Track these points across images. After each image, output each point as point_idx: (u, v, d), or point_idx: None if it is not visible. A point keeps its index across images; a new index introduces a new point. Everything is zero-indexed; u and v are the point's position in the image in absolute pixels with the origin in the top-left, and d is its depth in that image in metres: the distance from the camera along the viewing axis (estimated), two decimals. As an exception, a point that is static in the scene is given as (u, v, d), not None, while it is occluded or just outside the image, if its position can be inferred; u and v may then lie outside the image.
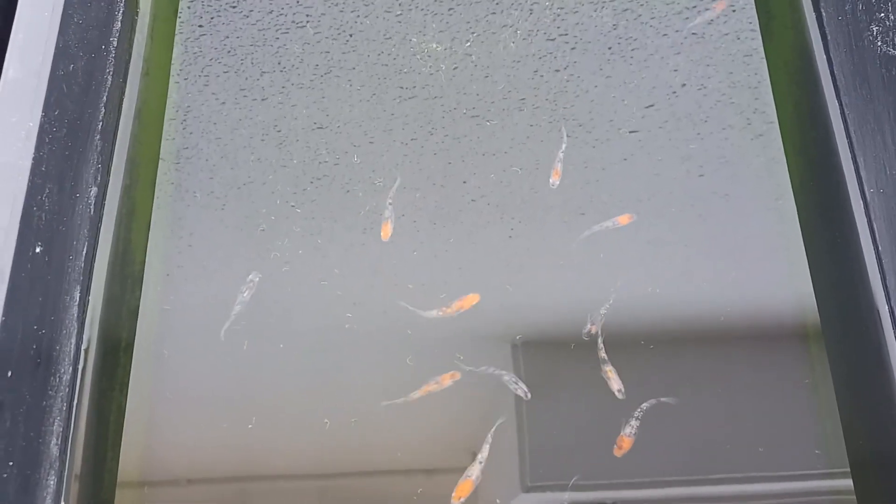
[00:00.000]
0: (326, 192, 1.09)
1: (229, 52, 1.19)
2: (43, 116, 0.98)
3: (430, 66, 1.16)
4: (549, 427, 0.95)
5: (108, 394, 0.98)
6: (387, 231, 1.04)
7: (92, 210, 1.01)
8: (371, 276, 1.03)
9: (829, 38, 1.06)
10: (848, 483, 0.91)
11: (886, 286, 0.93)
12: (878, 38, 1.02)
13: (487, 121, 1.12)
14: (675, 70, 1.15)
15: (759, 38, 1.15)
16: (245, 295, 1.03)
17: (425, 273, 1.03)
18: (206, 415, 0.98)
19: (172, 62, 1.18)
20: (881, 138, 0.98)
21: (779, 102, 1.11)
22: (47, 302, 0.94)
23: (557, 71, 1.15)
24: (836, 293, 0.99)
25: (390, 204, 1.06)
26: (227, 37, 1.19)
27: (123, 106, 1.10)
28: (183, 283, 1.05)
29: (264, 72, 1.17)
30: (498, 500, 0.92)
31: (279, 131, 1.13)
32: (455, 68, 1.16)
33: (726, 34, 1.16)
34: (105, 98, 1.07)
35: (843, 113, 1.03)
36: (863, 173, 0.98)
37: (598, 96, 1.13)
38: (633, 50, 1.16)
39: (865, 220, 0.97)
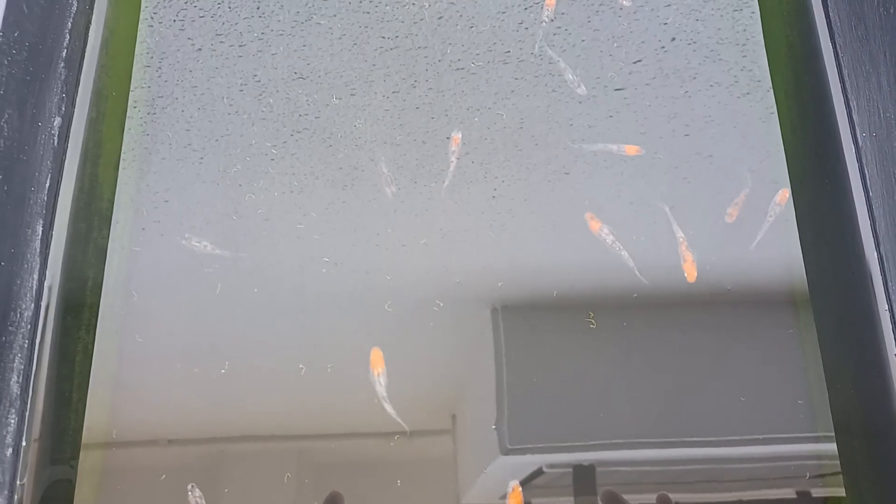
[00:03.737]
0: (307, 146, 1.06)
1: (205, -5, 1.15)
2: (1, 37, 0.94)
3: (414, 15, 1.13)
4: (527, 390, 0.95)
5: (74, 333, 0.97)
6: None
7: (56, 141, 0.98)
8: (351, 233, 1.02)
9: (823, -24, 1.03)
10: (832, 447, 0.92)
11: (876, 232, 0.93)
12: (877, -24, 0.99)
13: (472, 73, 1.09)
14: (665, 24, 1.12)
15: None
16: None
17: (405, 232, 1.02)
18: (177, 358, 0.97)
19: (146, 3, 1.14)
20: (876, 80, 0.96)
21: (770, 47, 1.09)
22: (6, 234, 0.92)
23: (544, 22, 1.12)
24: (824, 244, 0.99)
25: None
26: (203, -20, 1.15)
27: (90, 35, 1.06)
28: (154, 231, 1.03)
29: (242, 17, 1.13)
30: (477, 464, 0.93)
31: (258, 81, 1.10)
32: (440, 17, 1.12)
33: (718, -13, 1.13)
34: (70, 24, 1.03)
35: (836, 55, 1.01)
36: (856, 117, 0.97)
37: (585, 50, 1.11)
38: (622, 0, 1.13)
39: (857, 165, 0.96)
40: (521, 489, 0.91)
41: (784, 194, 1.01)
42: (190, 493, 0.92)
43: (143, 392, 0.97)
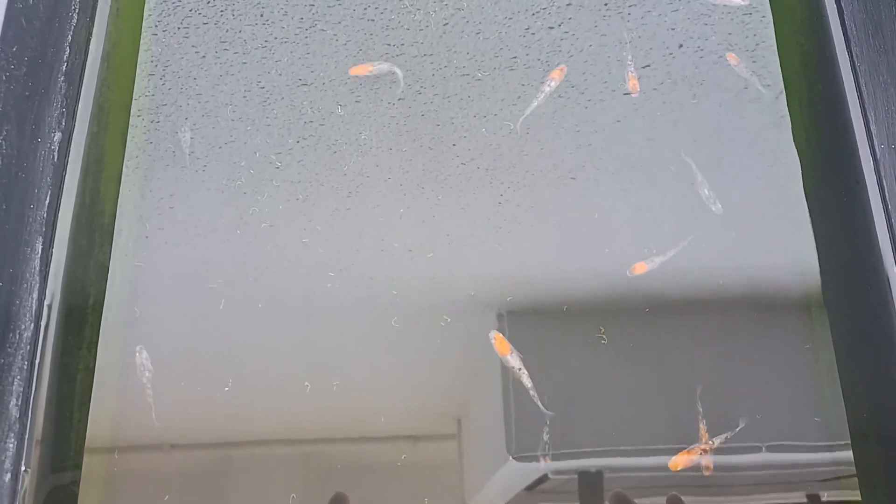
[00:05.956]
0: (312, 154, 1.05)
1: (208, 2, 1.14)
2: (-1, 51, 0.93)
3: (420, 22, 1.12)
4: (533, 399, 0.94)
5: (75, 352, 0.95)
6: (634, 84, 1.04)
7: (56, 157, 0.97)
8: (357, 239, 1.01)
9: (839, -17, 1.02)
10: (848, 455, 0.90)
11: (895, 245, 0.91)
12: (894, -16, 0.97)
13: (478, 80, 1.08)
14: (673, 29, 1.11)
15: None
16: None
17: (411, 238, 1.00)
18: (180, 376, 0.96)
19: (149, 13, 1.13)
20: (894, 90, 0.95)
21: (783, 55, 1.08)
22: (5, 253, 0.90)
23: (551, 28, 1.11)
24: (840, 256, 0.97)
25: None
26: (207, -14, 1.14)
27: (91, 47, 1.05)
28: (158, 240, 1.02)
29: (246, 24, 1.13)
30: (485, 469, 0.92)
31: (263, 88, 1.09)
32: (445, 24, 1.12)
33: (727, -10, 1.12)
34: (70, 37, 1.02)
35: (853, 65, 0.99)
36: (873, 129, 0.95)
37: (593, 55, 1.10)
38: (629, 6, 1.12)
39: (875, 178, 0.94)
40: (501, 336, 0.94)
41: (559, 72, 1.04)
42: (138, 354, 0.90)
43: (146, 410, 0.95)
